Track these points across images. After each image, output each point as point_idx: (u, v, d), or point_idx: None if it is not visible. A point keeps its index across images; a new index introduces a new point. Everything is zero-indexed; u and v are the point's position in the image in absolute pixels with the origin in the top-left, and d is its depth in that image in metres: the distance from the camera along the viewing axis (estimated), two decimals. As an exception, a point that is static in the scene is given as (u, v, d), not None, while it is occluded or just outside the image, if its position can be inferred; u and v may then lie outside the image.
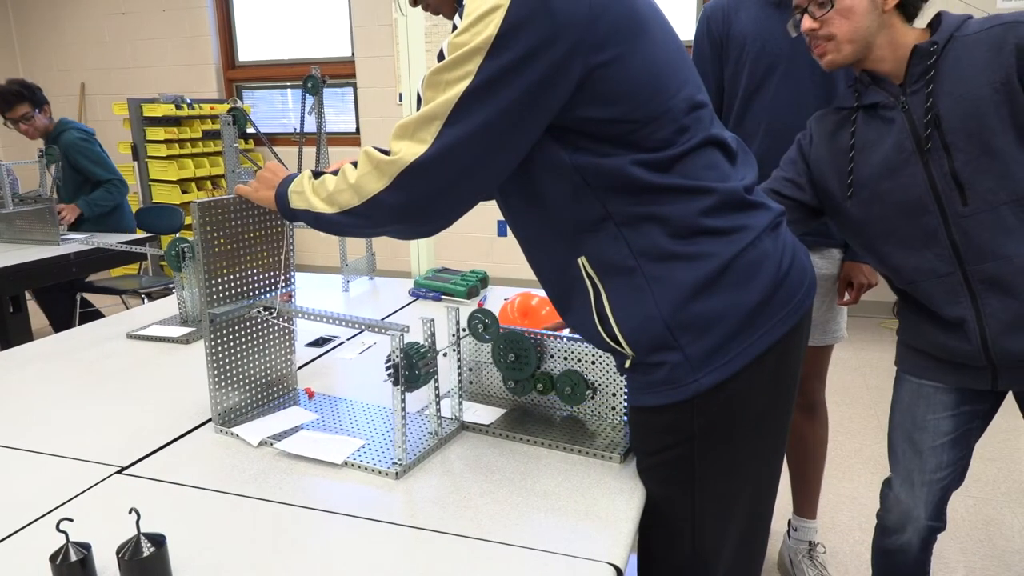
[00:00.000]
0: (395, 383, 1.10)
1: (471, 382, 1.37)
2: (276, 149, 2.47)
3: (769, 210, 1.09)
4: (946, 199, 1.30)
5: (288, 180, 1.16)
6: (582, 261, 1.05)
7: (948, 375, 1.44)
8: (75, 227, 3.56)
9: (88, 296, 3.75)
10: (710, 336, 1.00)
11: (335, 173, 1.10)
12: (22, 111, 3.44)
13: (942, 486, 1.51)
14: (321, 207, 1.10)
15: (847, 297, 1.88)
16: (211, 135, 5.53)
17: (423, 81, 0.99)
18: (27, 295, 3.18)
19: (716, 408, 1.04)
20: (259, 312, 1.31)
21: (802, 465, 2.08)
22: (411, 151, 0.97)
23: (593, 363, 1.24)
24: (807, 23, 1.35)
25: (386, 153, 1.01)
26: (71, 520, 0.86)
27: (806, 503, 2.11)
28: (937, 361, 1.44)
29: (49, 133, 3.57)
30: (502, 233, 5.39)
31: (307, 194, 1.12)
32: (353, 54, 5.56)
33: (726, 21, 1.82)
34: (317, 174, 1.14)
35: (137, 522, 0.85)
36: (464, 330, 1.30)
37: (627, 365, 1.07)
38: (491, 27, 0.91)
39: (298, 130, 2.24)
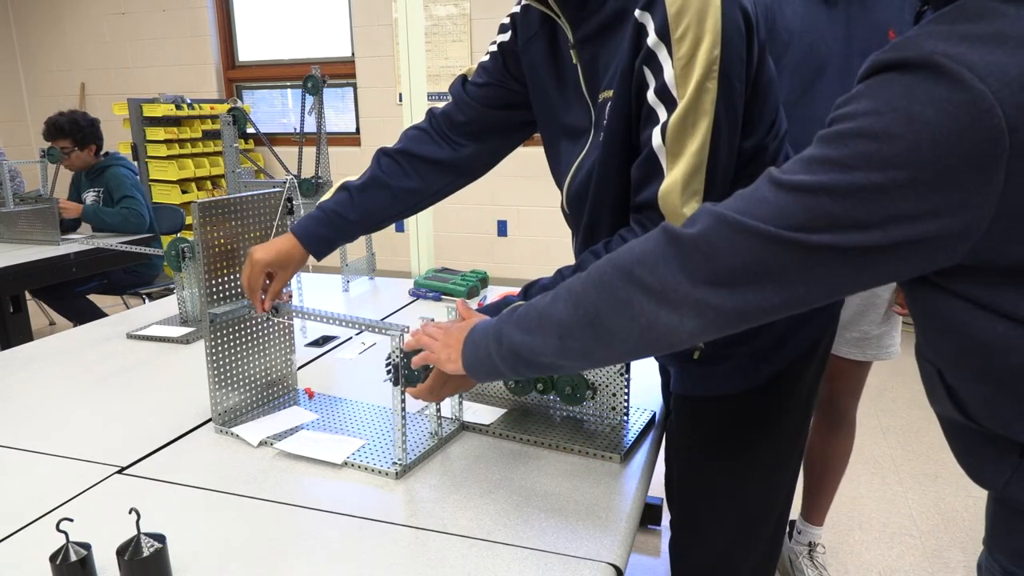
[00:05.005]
0: (395, 383, 1.10)
1: (471, 382, 1.37)
2: (276, 149, 2.47)
3: None
4: None
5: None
6: None
7: None
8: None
9: (88, 297, 3.75)
10: (777, 325, 1.01)
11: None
12: (61, 144, 3.53)
13: None
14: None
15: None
16: (211, 135, 5.53)
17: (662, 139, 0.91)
18: (28, 296, 3.18)
19: (772, 396, 1.07)
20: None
21: (821, 474, 2.06)
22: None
23: (593, 363, 1.25)
24: None
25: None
26: (71, 520, 0.86)
27: (816, 510, 2.11)
28: None
29: (91, 167, 3.64)
30: (502, 233, 5.39)
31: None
32: (353, 54, 5.56)
33: (768, 17, 1.58)
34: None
35: (137, 522, 0.85)
36: (464, 330, 1.30)
37: (695, 356, 1.07)
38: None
39: (298, 130, 2.24)
